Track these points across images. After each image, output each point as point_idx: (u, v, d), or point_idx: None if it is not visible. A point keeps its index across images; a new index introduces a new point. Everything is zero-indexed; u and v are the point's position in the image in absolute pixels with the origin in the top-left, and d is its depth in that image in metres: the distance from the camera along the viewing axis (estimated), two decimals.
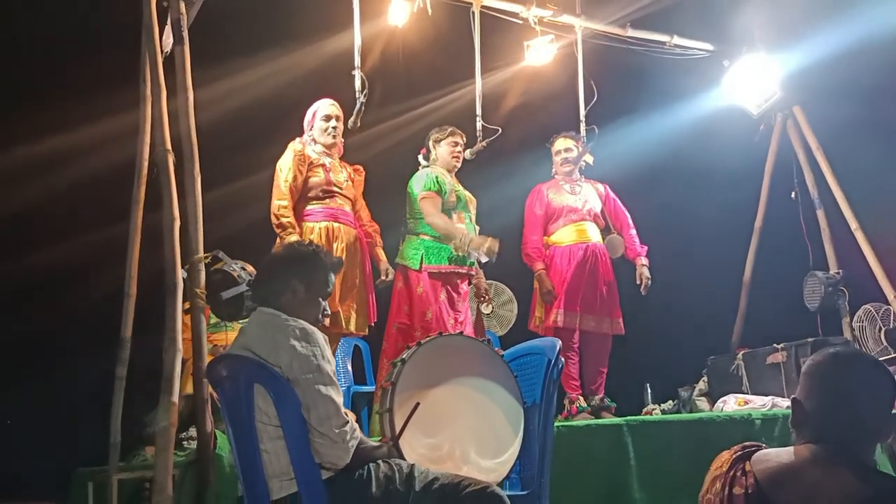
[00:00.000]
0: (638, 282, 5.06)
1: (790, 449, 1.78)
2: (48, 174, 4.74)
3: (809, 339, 5.01)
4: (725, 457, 1.83)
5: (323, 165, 4.23)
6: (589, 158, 5.13)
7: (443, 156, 4.55)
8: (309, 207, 4.20)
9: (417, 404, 2.69)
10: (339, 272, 3.39)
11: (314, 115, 4.30)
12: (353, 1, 4.49)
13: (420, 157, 4.65)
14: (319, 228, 4.15)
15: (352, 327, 4.21)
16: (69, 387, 4.76)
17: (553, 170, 5.18)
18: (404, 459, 2.56)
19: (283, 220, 4.03)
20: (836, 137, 5.82)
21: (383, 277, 4.43)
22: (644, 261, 5.07)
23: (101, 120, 4.58)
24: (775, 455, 1.77)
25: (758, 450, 1.81)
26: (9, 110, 4.84)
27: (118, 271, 3.74)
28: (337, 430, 2.36)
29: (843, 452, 1.72)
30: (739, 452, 1.81)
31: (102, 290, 4.13)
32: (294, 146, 4.21)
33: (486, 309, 5.51)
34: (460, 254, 4.31)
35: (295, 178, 4.11)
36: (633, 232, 5.17)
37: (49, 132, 4.69)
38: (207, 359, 3.38)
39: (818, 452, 1.73)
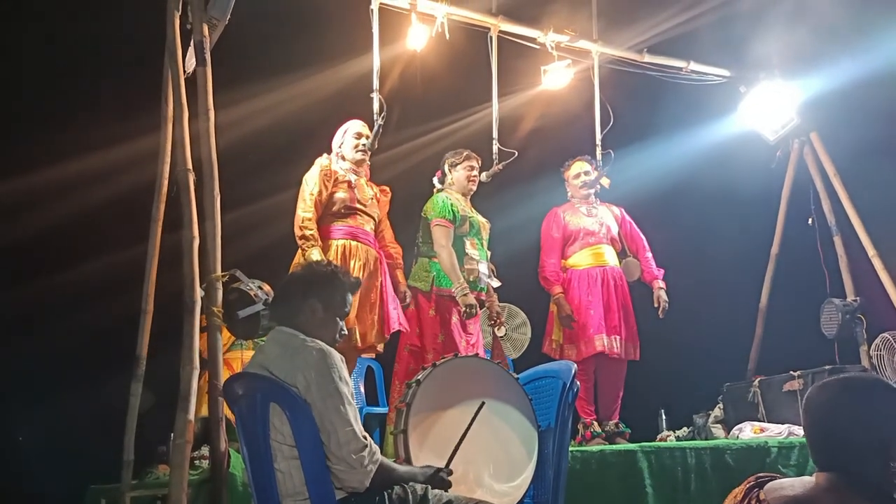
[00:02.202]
0: (655, 305, 5.03)
1: (806, 478, 1.78)
2: (71, 195, 4.79)
3: (826, 367, 4.97)
4: (739, 489, 1.83)
5: (348, 182, 4.26)
6: (605, 182, 5.13)
7: (459, 180, 4.58)
8: (329, 223, 4.22)
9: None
10: (357, 292, 3.39)
11: (346, 132, 4.36)
12: (372, 25, 4.55)
13: (435, 180, 4.68)
14: (337, 246, 4.18)
15: (370, 339, 4.21)
16: (85, 404, 4.78)
17: (569, 193, 5.18)
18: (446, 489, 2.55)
19: (307, 232, 4.06)
20: (854, 164, 5.80)
21: (401, 302, 4.44)
22: (661, 284, 5.05)
23: (122, 142, 4.63)
24: (789, 484, 1.79)
25: (772, 479, 1.80)
26: (32, 132, 4.91)
27: (138, 291, 3.78)
28: (355, 456, 2.35)
29: (857, 481, 1.71)
30: (753, 482, 1.82)
31: (122, 309, 4.15)
32: (321, 161, 4.26)
33: (499, 332, 5.49)
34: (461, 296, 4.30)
35: (320, 192, 4.15)
36: (650, 255, 5.16)
37: (71, 154, 4.74)
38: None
39: (833, 481, 1.74)
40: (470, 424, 2.69)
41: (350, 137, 4.33)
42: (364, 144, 4.32)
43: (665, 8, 5.39)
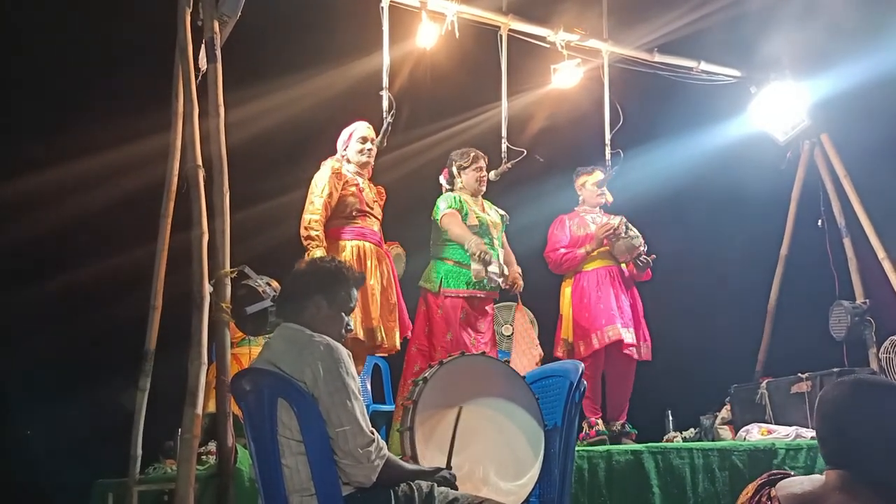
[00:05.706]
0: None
1: (817, 476, 1.81)
2: (82, 192, 4.81)
3: (835, 369, 4.95)
4: (751, 485, 1.85)
5: (357, 185, 4.28)
6: (609, 197, 5.12)
7: (469, 182, 4.58)
8: (340, 226, 4.23)
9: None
10: (362, 287, 3.40)
11: (350, 135, 4.35)
12: (382, 23, 4.56)
13: (442, 179, 4.67)
14: (351, 247, 4.19)
15: (395, 342, 4.25)
16: (93, 399, 4.80)
17: (581, 199, 5.16)
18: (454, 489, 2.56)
19: (313, 232, 4.06)
20: (864, 166, 5.78)
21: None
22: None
23: (133, 139, 4.64)
24: (799, 482, 1.81)
25: (784, 477, 1.82)
26: (43, 130, 4.93)
27: (148, 288, 3.79)
28: (362, 451, 2.36)
29: (868, 478, 1.73)
30: (765, 479, 1.84)
31: (132, 304, 4.17)
32: (332, 163, 4.26)
33: (506, 331, 5.50)
34: (474, 263, 4.29)
35: (330, 194, 4.15)
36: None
37: (81, 151, 4.75)
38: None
39: (844, 478, 1.76)
40: (454, 435, 2.70)
41: (355, 142, 4.33)
42: (369, 149, 4.33)
43: (675, 7, 5.38)
